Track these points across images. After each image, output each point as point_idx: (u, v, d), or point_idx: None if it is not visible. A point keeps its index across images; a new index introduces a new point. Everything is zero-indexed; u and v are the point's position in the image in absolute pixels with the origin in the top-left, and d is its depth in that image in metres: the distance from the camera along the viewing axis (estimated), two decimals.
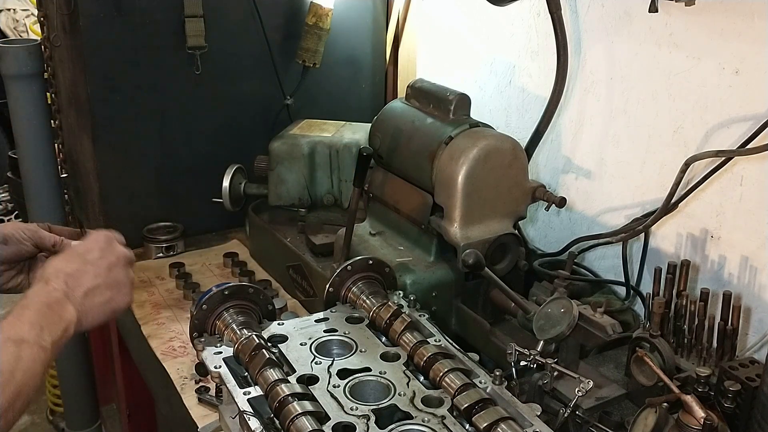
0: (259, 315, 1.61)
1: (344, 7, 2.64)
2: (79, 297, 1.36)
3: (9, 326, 1.24)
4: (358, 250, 1.91)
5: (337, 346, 1.54)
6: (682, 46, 1.85)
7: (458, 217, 1.80)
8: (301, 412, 1.27)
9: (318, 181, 2.38)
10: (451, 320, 1.88)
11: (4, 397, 1.17)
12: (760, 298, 1.76)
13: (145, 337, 2.08)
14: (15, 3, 5.20)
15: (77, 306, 1.35)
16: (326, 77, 2.72)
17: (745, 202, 1.77)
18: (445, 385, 1.38)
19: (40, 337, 1.26)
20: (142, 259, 2.49)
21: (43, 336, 1.26)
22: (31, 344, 1.24)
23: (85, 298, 1.37)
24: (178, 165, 2.56)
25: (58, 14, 2.46)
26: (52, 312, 1.31)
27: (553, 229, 2.34)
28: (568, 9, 2.09)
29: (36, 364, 1.23)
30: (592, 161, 2.17)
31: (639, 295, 2.02)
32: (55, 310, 1.32)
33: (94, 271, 1.40)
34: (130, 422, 2.70)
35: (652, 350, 1.61)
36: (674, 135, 1.91)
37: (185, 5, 2.37)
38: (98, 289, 1.40)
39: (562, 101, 2.09)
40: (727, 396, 1.47)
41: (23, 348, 1.22)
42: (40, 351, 1.25)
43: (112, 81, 2.39)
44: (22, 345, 1.22)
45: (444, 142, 1.84)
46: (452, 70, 2.66)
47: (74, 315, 1.35)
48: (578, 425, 1.48)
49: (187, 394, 1.80)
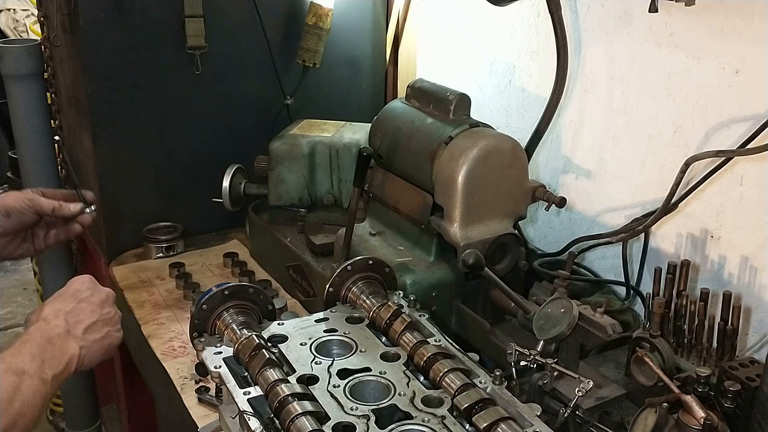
0: (259, 315, 1.61)
1: (344, 7, 2.64)
2: (80, 333, 1.40)
3: (10, 358, 1.26)
4: (358, 250, 1.91)
5: (337, 346, 1.54)
6: (682, 46, 1.85)
7: (458, 217, 1.80)
8: (301, 412, 1.27)
9: (318, 181, 2.38)
10: (451, 320, 1.88)
11: (0, 425, 1.18)
12: (760, 298, 1.76)
13: (145, 337, 2.08)
14: (15, 3, 5.20)
15: (79, 342, 1.39)
16: (326, 77, 2.71)
17: (745, 202, 1.77)
18: (445, 385, 1.38)
19: (41, 370, 1.28)
20: (142, 259, 2.50)
21: (44, 369, 1.29)
22: (32, 376, 1.26)
23: (86, 334, 1.41)
24: (178, 165, 2.56)
25: (58, 14, 2.46)
26: (53, 346, 1.34)
27: (553, 229, 2.34)
28: (568, 9, 2.09)
29: (35, 397, 1.25)
30: (592, 161, 2.17)
31: (639, 295, 2.02)
32: (57, 344, 1.35)
33: (89, 308, 1.44)
34: (130, 422, 2.70)
35: (652, 350, 1.61)
36: (674, 135, 1.91)
37: (185, 5, 2.37)
38: (96, 325, 1.44)
39: (562, 101, 2.09)
40: (727, 396, 1.47)
41: (24, 379, 1.24)
42: (41, 384, 1.26)
43: (112, 81, 2.39)
44: (22, 376, 1.24)
45: (444, 142, 1.84)
46: (452, 70, 2.66)
47: (76, 350, 1.38)
48: (578, 425, 1.48)
49: (187, 394, 1.80)
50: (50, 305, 1.43)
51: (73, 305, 1.43)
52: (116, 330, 1.50)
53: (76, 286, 1.48)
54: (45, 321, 1.38)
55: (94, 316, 1.44)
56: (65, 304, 1.43)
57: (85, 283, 1.50)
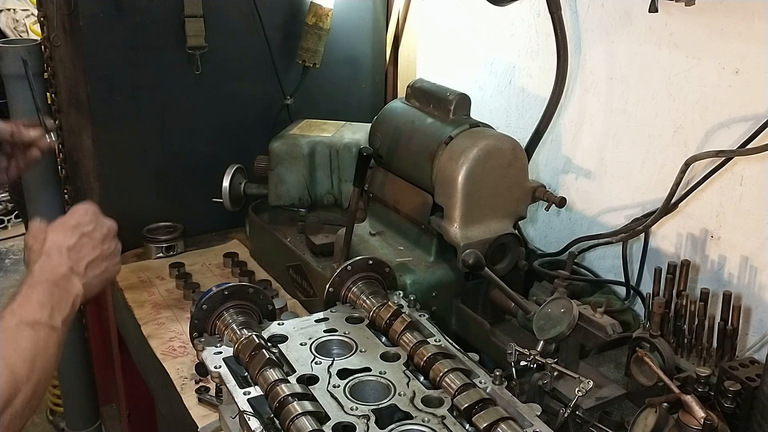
0: (259, 315, 1.61)
1: (344, 7, 2.64)
2: (82, 270, 1.37)
3: (20, 309, 1.23)
4: (358, 250, 1.91)
5: (337, 346, 1.54)
6: (682, 46, 1.85)
7: (458, 217, 1.80)
8: (301, 412, 1.27)
9: (318, 181, 2.38)
10: (451, 320, 1.88)
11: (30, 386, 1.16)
12: (760, 298, 1.76)
13: (145, 337, 2.08)
14: (15, 3, 5.19)
15: (81, 280, 1.36)
16: (326, 77, 2.71)
17: (745, 202, 1.77)
18: (445, 385, 1.38)
19: (52, 318, 1.25)
20: (142, 259, 2.50)
21: (54, 316, 1.26)
22: (44, 325, 1.23)
23: (87, 270, 1.39)
24: (178, 165, 2.56)
25: (58, 14, 2.46)
26: (59, 289, 1.31)
27: (553, 229, 2.34)
28: (568, 9, 2.09)
29: (51, 346, 1.23)
30: (592, 161, 2.17)
31: (639, 295, 2.02)
32: (62, 286, 1.32)
33: (91, 244, 1.41)
34: (130, 422, 2.69)
35: (652, 350, 1.61)
36: (674, 135, 1.91)
37: (185, 5, 2.37)
38: (96, 261, 1.41)
39: (562, 101, 2.09)
40: (727, 396, 1.47)
41: (38, 330, 1.22)
42: (53, 332, 1.24)
43: (112, 81, 2.39)
44: (36, 327, 1.22)
45: (444, 142, 1.84)
46: (452, 70, 2.66)
47: (80, 289, 1.35)
48: (578, 425, 1.48)
49: (187, 394, 1.80)
50: (53, 237, 1.38)
51: (76, 240, 1.39)
52: (114, 264, 1.47)
53: (79, 218, 1.43)
54: (48, 257, 1.34)
55: (95, 251, 1.41)
56: (68, 238, 1.38)
57: (88, 214, 1.45)
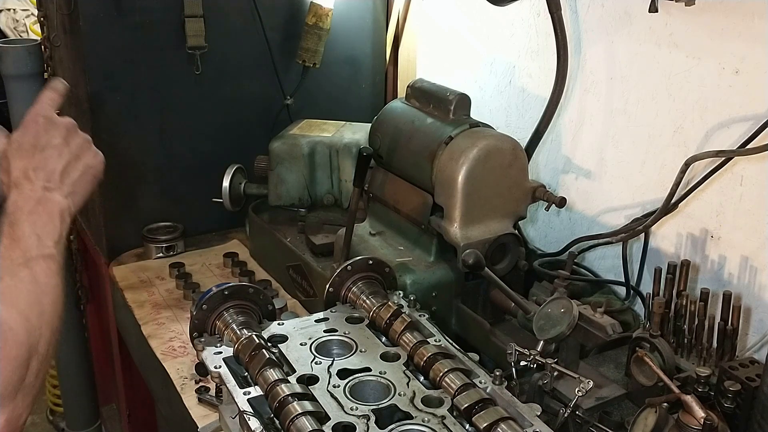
0: (259, 315, 1.61)
1: (344, 7, 2.64)
2: (57, 183, 1.29)
3: (8, 252, 1.18)
4: (358, 250, 1.91)
5: (337, 346, 1.54)
6: (682, 46, 1.85)
7: (458, 217, 1.80)
8: (301, 412, 1.27)
9: (318, 181, 2.38)
10: (451, 320, 1.88)
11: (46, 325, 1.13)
12: (760, 298, 1.76)
13: (145, 337, 2.08)
14: (15, 3, 5.19)
15: (61, 192, 1.29)
16: (326, 77, 2.71)
17: (745, 202, 1.77)
18: (445, 385, 1.38)
19: (42, 246, 1.20)
20: (142, 259, 2.50)
21: (44, 243, 1.21)
22: (37, 258, 1.18)
23: (64, 180, 1.30)
24: (178, 165, 2.56)
25: (58, 14, 2.46)
26: (39, 215, 1.24)
27: (553, 229, 2.34)
28: (568, 9, 2.09)
29: (52, 277, 1.19)
30: (592, 161, 2.17)
31: (639, 295, 2.02)
32: (42, 210, 1.24)
33: (55, 153, 1.31)
34: (130, 422, 2.70)
35: (652, 350, 1.61)
36: (674, 135, 1.91)
37: (185, 5, 2.37)
38: (70, 165, 1.32)
39: (562, 101, 2.09)
40: (727, 396, 1.47)
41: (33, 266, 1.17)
42: (49, 261, 1.20)
43: (112, 81, 2.39)
44: (30, 264, 1.17)
45: (444, 142, 1.84)
46: (452, 70, 2.66)
47: (63, 202, 1.28)
48: (578, 425, 1.48)
49: (187, 394, 1.80)
50: (15, 163, 1.28)
51: (37, 157, 1.28)
52: (92, 156, 1.36)
53: (32, 134, 1.31)
54: (17, 187, 1.25)
55: (63, 158, 1.31)
56: (28, 159, 1.28)
57: (38, 123, 1.32)
